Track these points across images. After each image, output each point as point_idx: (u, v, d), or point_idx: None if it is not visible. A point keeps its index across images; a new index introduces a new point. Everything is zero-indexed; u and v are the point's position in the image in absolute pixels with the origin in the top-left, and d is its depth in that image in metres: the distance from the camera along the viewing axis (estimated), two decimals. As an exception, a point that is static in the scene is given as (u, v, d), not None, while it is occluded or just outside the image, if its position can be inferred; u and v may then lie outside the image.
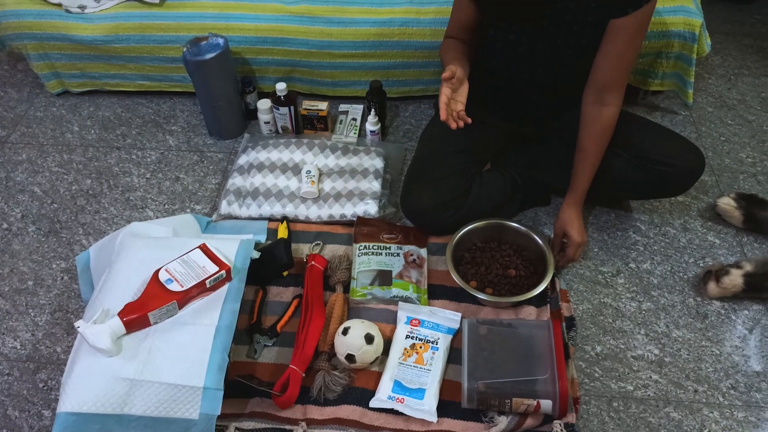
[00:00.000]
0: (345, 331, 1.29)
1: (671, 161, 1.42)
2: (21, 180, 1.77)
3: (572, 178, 1.45)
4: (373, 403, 1.26)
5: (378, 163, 1.71)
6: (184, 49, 1.68)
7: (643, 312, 1.44)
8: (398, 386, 1.27)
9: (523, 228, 1.48)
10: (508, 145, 1.67)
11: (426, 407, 1.24)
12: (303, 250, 1.54)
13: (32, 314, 1.46)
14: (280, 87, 1.74)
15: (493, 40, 1.40)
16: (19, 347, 1.40)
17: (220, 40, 1.70)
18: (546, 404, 1.19)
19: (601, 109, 1.38)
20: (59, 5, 1.84)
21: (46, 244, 1.61)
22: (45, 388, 1.33)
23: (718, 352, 1.37)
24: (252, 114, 1.88)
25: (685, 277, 1.51)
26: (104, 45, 1.83)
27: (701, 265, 1.53)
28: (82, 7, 1.83)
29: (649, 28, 1.68)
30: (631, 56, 1.33)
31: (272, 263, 1.44)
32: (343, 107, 1.90)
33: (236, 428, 1.22)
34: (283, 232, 1.56)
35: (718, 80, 2.04)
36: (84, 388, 1.14)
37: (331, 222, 1.61)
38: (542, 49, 1.37)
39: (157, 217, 1.65)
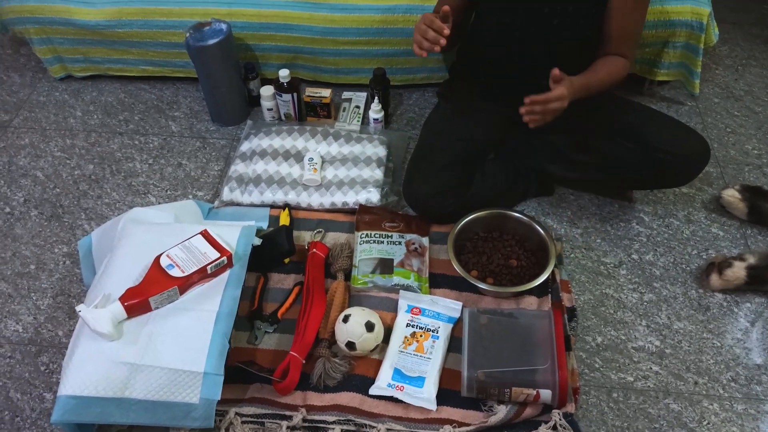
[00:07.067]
0: (346, 319, 1.29)
1: (674, 150, 1.41)
2: (23, 164, 1.77)
3: None
4: (372, 391, 1.26)
5: (381, 151, 1.70)
6: (187, 35, 1.67)
7: (645, 303, 1.44)
8: (398, 374, 1.27)
9: (525, 218, 1.48)
10: (511, 134, 1.65)
11: (425, 395, 1.25)
12: (305, 237, 1.54)
13: (34, 298, 1.47)
14: (283, 74, 1.73)
15: (488, 25, 1.39)
16: (21, 330, 1.41)
17: (223, 26, 1.69)
18: (545, 394, 1.19)
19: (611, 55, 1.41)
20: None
21: (48, 228, 1.61)
22: (46, 371, 1.34)
23: (719, 344, 1.37)
24: (255, 101, 1.87)
25: (688, 268, 1.50)
26: (107, 30, 1.82)
27: (704, 257, 1.52)
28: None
29: (656, 17, 1.68)
30: (638, 17, 1.37)
31: (274, 250, 1.44)
32: (346, 95, 1.89)
33: (236, 413, 1.23)
34: (285, 219, 1.56)
35: (725, 71, 2.02)
36: (84, 371, 1.15)
37: (333, 210, 1.61)
38: (537, 32, 1.36)
39: (160, 203, 1.65)
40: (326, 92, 1.80)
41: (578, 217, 1.60)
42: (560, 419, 1.20)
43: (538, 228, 1.45)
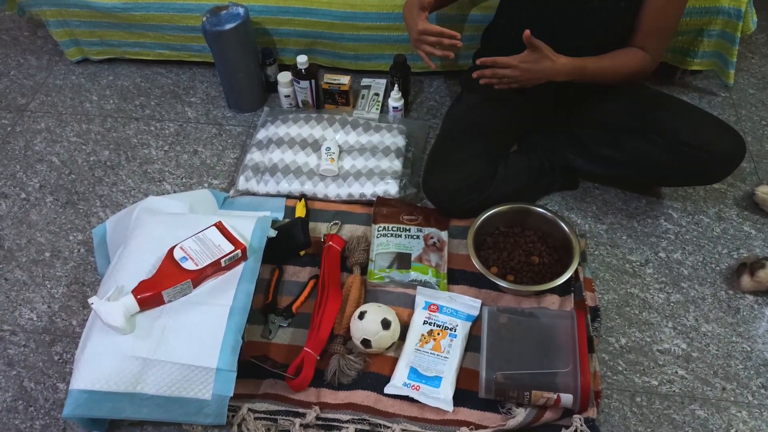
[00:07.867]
0: (361, 316, 1.27)
1: (708, 147, 1.35)
2: (39, 149, 1.76)
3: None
4: (387, 390, 1.23)
5: (400, 141, 1.65)
6: (204, 19, 1.63)
7: (672, 304, 1.38)
8: (414, 373, 1.24)
9: (548, 213, 1.43)
10: (535, 127, 1.60)
11: (442, 396, 1.22)
12: (321, 229, 1.51)
13: (49, 286, 1.46)
14: (301, 60, 1.69)
15: (518, 10, 1.33)
16: (35, 319, 1.40)
17: (240, 10, 1.65)
18: (566, 398, 1.15)
19: (634, 47, 1.36)
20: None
21: (63, 215, 1.60)
22: (60, 360, 1.33)
23: (749, 348, 1.31)
24: (272, 87, 1.83)
25: (718, 268, 1.44)
26: (123, 12, 1.79)
27: (735, 256, 1.46)
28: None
29: (692, 4, 1.60)
30: (672, 12, 1.32)
31: (289, 242, 1.42)
32: (365, 82, 1.84)
33: (249, 409, 1.21)
34: (301, 210, 1.53)
35: (761, 60, 1.93)
36: (96, 365, 1.13)
37: (350, 201, 1.57)
38: (573, 15, 1.31)
39: (175, 191, 1.63)
40: (345, 79, 1.75)
41: (603, 213, 1.55)
42: (581, 424, 1.16)
43: (562, 224, 1.40)
